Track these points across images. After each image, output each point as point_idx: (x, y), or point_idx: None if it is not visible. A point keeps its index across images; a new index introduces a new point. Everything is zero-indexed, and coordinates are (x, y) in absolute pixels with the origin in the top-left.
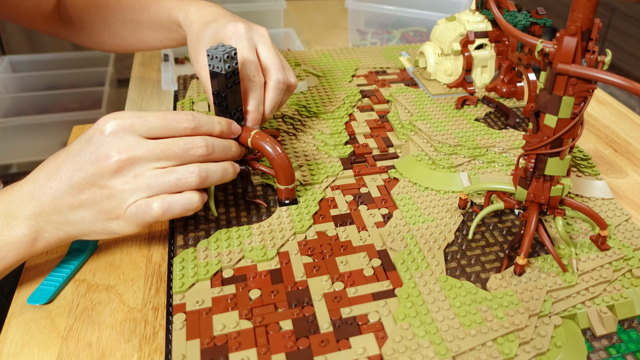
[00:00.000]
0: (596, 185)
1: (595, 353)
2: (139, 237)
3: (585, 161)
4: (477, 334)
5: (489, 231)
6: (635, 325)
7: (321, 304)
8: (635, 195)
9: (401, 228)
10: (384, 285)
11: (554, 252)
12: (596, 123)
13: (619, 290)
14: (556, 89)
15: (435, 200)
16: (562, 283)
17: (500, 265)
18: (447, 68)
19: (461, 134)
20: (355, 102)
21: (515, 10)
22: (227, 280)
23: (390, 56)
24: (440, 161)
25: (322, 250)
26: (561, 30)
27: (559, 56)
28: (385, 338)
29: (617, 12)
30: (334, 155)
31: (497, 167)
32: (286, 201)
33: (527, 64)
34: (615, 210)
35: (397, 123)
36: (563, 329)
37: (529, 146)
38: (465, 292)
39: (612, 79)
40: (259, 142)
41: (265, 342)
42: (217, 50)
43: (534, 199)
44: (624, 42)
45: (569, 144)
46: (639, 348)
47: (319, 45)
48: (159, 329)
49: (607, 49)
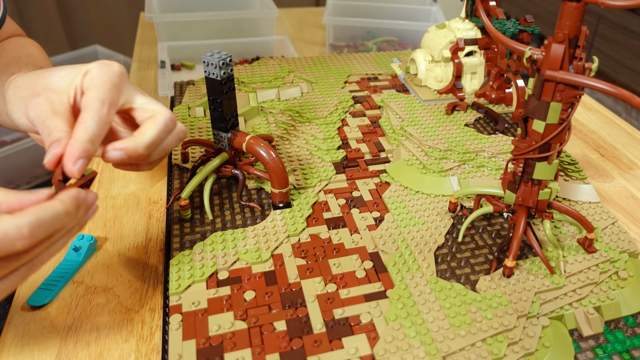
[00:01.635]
0: (583, 189)
1: (582, 353)
2: (137, 239)
3: (573, 165)
4: (466, 335)
5: (478, 234)
6: (621, 326)
7: (314, 305)
8: (621, 199)
9: (392, 231)
10: (376, 286)
11: (542, 254)
12: (583, 128)
13: (606, 292)
14: (544, 95)
15: (426, 203)
16: (549, 285)
17: (489, 267)
18: (437, 74)
19: (451, 139)
20: (347, 107)
21: (504, 18)
22: (222, 282)
23: (382, 63)
24: (430, 165)
25: (315, 253)
26: (549, 37)
27: (547, 63)
28: (377, 338)
29: (603, 20)
30: (327, 159)
31: (486, 171)
32: (280, 204)
33: (515, 70)
34: (602, 213)
35: (388, 128)
36: (551, 330)
37: (518, 151)
38: (455, 294)
39: (599, 85)
40: (253, 147)
41: (260, 342)
42: (212, 57)
43: (522, 203)
44: (610, 50)
45: (557, 148)
46: (625, 348)
47: (310, 53)
48: (155, 329)
49: (594, 56)
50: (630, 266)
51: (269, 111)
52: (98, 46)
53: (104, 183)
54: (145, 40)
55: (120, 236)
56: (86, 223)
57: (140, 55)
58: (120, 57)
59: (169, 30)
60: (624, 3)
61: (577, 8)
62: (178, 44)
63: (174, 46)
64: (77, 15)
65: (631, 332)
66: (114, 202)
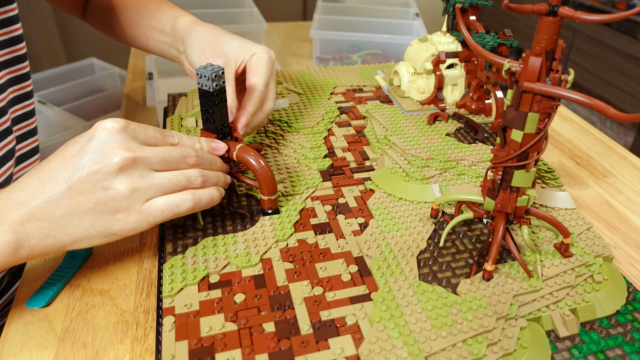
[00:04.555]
0: (559, 196)
1: (559, 353)
2: (131, 244)
3: (550, 173)
4: (448, 336)
5: (459, 239)
6: (596, 328)
7: (302, 308)
8: (596, 205)
9: (377, 236)
10: (361, 289)
11: (520, 258)
12: (560, 138)
13: (581, 295)
14: (522, 106)
15: (409, 210)
16: (527, 288)
17: (469, 271)
18: (419, 86)
19: (433, 148)
20: (333, 118)
21: (483, 32)
22: (213, 285)
23: (367, 75)
24: (413, 173)
25: (302, 257)
26: (527, 50)
27: (525, 75)
28: (362, 339)
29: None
30: (314, 167)
31: (466, 179)
32: (269, 211)
33: (494, 82)
34: (578, 219)
35: (373, 138)
36: (528, 331)
37: (497, 159)
38: (437, 296)
39: (575, 96)
40: (243, 156)
41: (250, 343)
42: (206, 70)
43: (501, 209)
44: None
45: (534, 157)
46: (600, 349)
47: (298, 65)
48: (149, 330)
49: (570, 69)
50: (604, 270)
51: None
52: (94, 59)
53: None
54: (140, 53)
55: (115, 241)
56: (222, 168)
57: (134, 68)
58: (116, 69)
59: None
60: (598, 18)
61: (554, 22)
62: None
63: (161, 58)
64: (74, 29)
65: (606, 333)
66: None
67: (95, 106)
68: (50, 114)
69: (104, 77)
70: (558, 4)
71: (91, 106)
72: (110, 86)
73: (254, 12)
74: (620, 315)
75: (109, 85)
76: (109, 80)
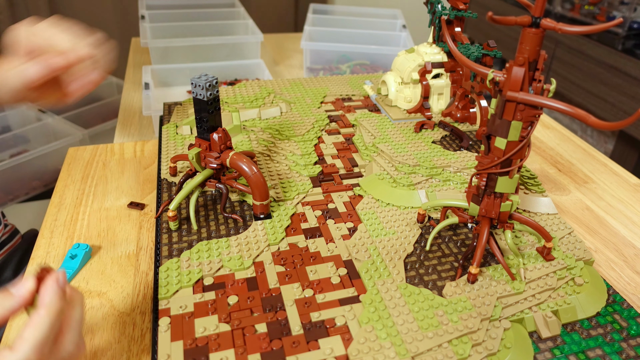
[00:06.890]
0: (542, 201)
1: (541, 354)
2: (128, 248)
3: (532, 180)
4: (434, 336)
5: (444, 243)
6: (577, 329)
7: (293, 309)
8: (577, 210)
9: (365, 240)
10: (350, 292)
11: (504, 262)
12: (542, 145)
13: (563, 297)
14: (506, 114)
15: (396, 215)
16: (511, 290)
17: (455, 274)
18: (406, 95)
19: (419, 155)
20: (323, 126)
21: (468, 43)
22: (207, 287)
23: (355, 84)
24: (400, 179)
25: (293, 260)
26: (510, 61)
27: (508, 84)
28: (351, 340)
29: (561, 44)
30: (304, 174)
31: (452, 185)
32: (261, 216)
33: (479, 91)
34: (559, 224)
35: (361, 145)
36: (512, 332)
37: (481, 166)
38: (423, 298)
39: (556, 105)
40: (236, 162)
41: (242, 343)
42: (200, 80)
43: (485, 214)
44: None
45: (517, 164)
46: (581, 349)
47: (289, 75)
48: (146, 331)
49: (552, 78)
50: (585, 273)
51: (250, 129)
52: None
53: (98, 196)
54: (136, 64)
55: (113, 245)
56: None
57: (132, 78)
58: (114, 79)
59: (161, 54)
60: (579, 29)
61: (537, 34)
62: (162, 67)
63: (158, 69)
64: None
65: (586, 334)
66: (107, 213)
67: (94, 114)
68: (50, 122)
69: (102, 86)
70: (540, 16)
71: (90, 114)
72: (108, 95)
73: (249, 24)
74: (600, 317)
75: (107, 95)
76: (107, 89)
